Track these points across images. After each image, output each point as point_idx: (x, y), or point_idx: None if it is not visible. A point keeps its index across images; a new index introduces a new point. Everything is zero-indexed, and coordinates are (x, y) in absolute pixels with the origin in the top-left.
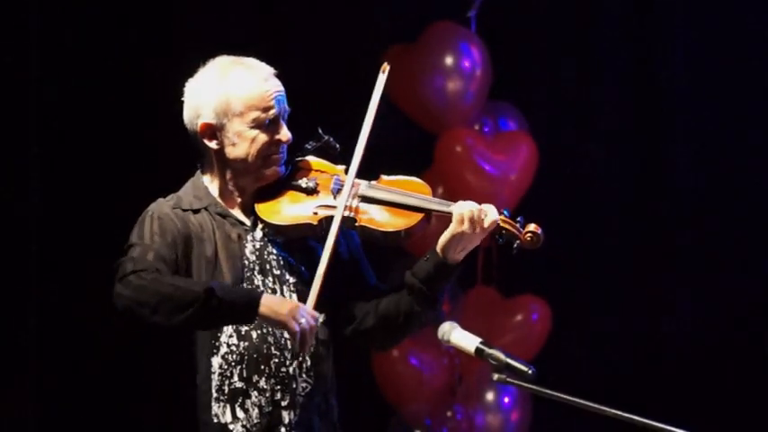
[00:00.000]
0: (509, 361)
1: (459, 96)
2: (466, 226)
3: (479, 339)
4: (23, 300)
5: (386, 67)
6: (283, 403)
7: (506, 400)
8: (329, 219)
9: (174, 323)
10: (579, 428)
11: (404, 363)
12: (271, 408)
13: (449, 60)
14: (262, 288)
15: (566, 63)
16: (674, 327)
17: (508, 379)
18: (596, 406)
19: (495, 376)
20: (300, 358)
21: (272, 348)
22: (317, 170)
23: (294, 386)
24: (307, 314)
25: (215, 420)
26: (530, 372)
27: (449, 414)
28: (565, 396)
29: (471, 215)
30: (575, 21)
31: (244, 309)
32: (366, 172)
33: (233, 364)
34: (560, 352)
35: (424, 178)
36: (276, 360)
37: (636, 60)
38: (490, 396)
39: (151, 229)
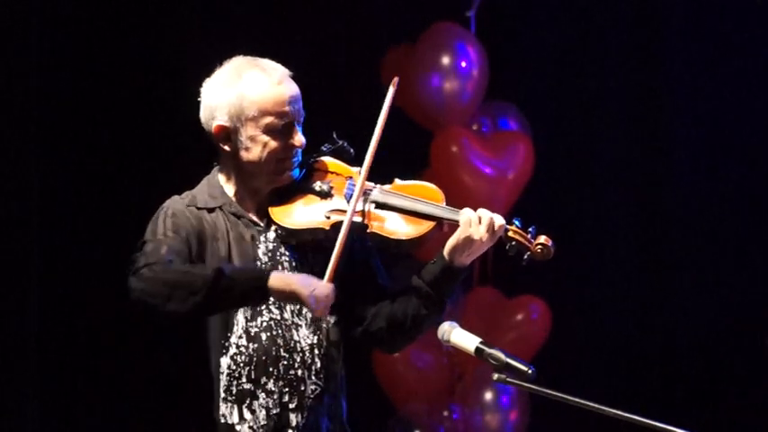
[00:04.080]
0: (509, 361)
1: (456, 96)
2: (473, 231)
3: (479, 339)
4: (23, 299)
5: (396, 80)
6: (291, 405)
7: (504, 399)
8: (341, 224)
9: (188, 309)
10: (578, 428)
11: (404, 363)
12: (278, 410)
13: (446, 60)
14: None
15: (565, 63)
16: (674, 326)
17: (508, 379)
18: (596, 406)
19: (495, 376)
20: (324, 324)
21: (281, 350)
22: (332, 172)
23: (303, 389)
24: (319, 283)
25: (222, 420)
26: (529, 372)
27: (447, 414)
28: (564, 396)
29: (479, 221)
30: (574, 20)
31: (254, 285)
32: (380, 175)
33: (241, 365)
34: (560, 352)
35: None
36: (285, 362)
37: (636, 60)
38: (489, 396)
39: (164, 226)
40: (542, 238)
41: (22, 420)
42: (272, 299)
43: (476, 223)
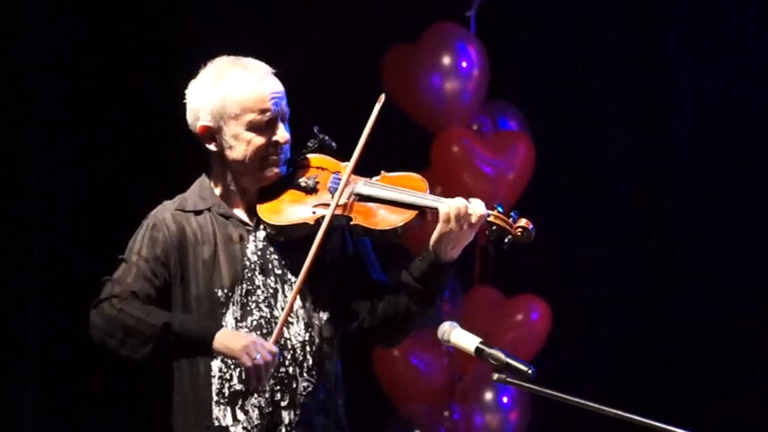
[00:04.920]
0: (509, 361)
1: (457, 96)
2: (453, 223)
3: (479, 339)
4: (23, 299)
5: (381, 98)
6: (283, 403)
7: (505, 399)
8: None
9: (138, 357)
10: (579, 428)
11: (404, 362)
12: (271, 408)
13: (446, 60)
14: (263, 288)
15: (565, 63)
16: (674, 326)
17: (508, 379)
18: (596, 406)
19: (495, 376)
20: (256, 394)
21: None
22: (318, 167)
23: (294, 386)
24: (263, 349)
25: (216, 424)
26: (530, 372)
27: (447, 414)
28: (564, 396)
29: (458, 212)
30: (574, 20)
31: (198, 344)
32: (368, 169)
33: (232, 366)
34: (560, 352)
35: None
36: None
37: (636, 60)
38: (489, 396)
39: (141, 242)
40: (523, 221)
41: (22, 420)
42: (259, 294)
43: (453, 214)
